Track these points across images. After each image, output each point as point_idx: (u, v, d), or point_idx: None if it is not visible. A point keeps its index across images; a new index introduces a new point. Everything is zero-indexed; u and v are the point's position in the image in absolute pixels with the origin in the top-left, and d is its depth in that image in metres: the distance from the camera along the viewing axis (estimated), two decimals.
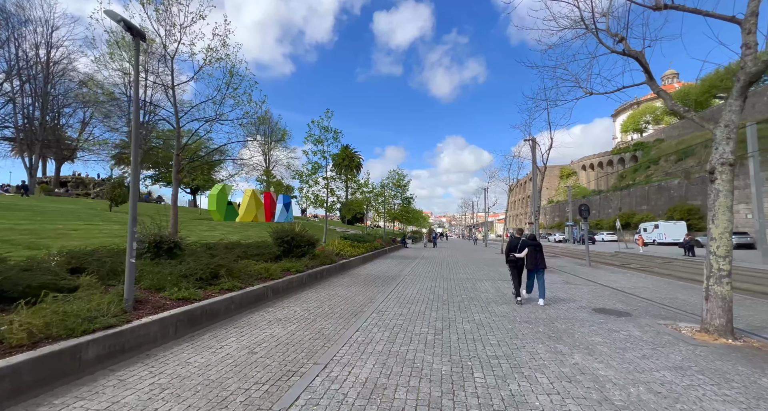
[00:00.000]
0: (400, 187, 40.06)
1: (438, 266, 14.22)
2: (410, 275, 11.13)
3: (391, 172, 39.94)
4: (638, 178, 47.94)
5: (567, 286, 9.12)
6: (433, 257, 19.09)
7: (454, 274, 11.74)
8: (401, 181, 39.61)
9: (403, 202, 41.73)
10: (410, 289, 8.53)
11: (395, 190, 40.32)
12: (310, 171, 15.71)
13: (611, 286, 9.34)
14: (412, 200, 42.06)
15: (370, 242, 18.18)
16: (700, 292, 8.30)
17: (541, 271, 7.03)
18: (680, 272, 12.97)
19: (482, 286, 9.00)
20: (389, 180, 39.99)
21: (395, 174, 39.68)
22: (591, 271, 12.96)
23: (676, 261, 17.51)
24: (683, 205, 33.98)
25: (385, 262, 15.35)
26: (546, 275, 7.15)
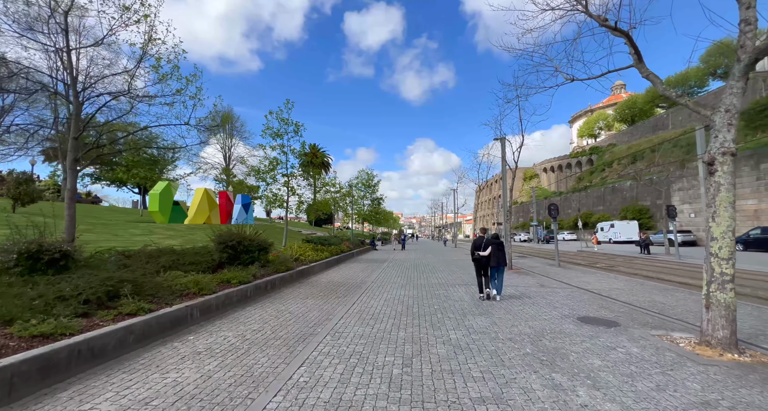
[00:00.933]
0: (369, 187, 39.03)
1: (407, 270, 13.30)
2: (377, 282, 10.06)
3: (361, 171, 38.82)
4: (594, 180, 50.83)
5: (543, 291, 8.54)
6: (403, 260, 18.21)
7: (424, 278, 10.85)
8: (370, 182, 38.59)
9: (372, 203, 40.75)
10: (376, 299, 7.46)
11: (364, 190, 39.26)
12: (267, 167, 14.16)
13: (586, 288, 8.90)
14: (382, 201, 41.19)
15: (336, 245, 16.91)
16: (674, 293, 8.34)
17: (502, 269, 7.61)
18: (645, 271, 13.08)
19: (455, 293, 8.15)
20: (358, 180, 38.90)
21: (364, 174, 38.58)
22: (562, 271, 12.69)
23: (636, 259, 18.05)
24: (635, 205, 36.23)
25: (351, 267, 14.17)
26: (520, 278, 8.22)
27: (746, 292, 8.37)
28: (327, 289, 8.64)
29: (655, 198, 34.53)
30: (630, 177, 40.24)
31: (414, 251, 26.37)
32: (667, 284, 9.76)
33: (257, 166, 14.99)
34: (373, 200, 40.92)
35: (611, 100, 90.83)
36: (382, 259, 18.99)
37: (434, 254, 23.00)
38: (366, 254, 22.47)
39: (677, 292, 8.35)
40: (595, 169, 54.06)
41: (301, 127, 14.43)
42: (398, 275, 11.72)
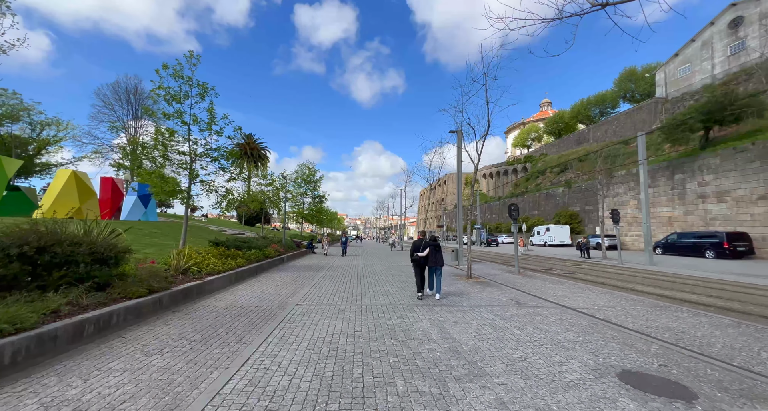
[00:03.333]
0: (310, 183, 35.27)
1: (349, 282, 10.45)
2: (304, 304, 7.03)
3: (301, 165, 34.76)
4: (530, 186, 53.98)
5: (527, 314, 6.45)
6: (345, 267, 15.29)
7: (371, 296, 8.12)
8: (311, 177, 34.84)
9: (314, 201, 36.98)
10: (292, 345, 4.48)
11: (305, 186, 35.34)
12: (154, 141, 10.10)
13: (572, 307, 7.09)
14: (325, 199, 37.65)
15: (259, 249, 13.28)
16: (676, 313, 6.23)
17: (439, 269, 8.00)
18: (605, 279, 12.19)
19: (419, 326, 5.55)
20: (297, 174, 34.85)
21: (305, 168, 34.73)
22: (527, 281, 11.09)
23: (583, 264, 17.79)
24: (566, 210, 38.63)
25: (274, 279, 10.81)
26: (486, 292, 8.07)
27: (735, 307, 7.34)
28: (214, 325, 5.37)
29: (583, 204, 37.05)
30: (562, 184, 43.03)
31: (357, 257, 23.54)
32: (646, 297, 8.53)
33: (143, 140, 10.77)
34: (314, 198, 37.19)
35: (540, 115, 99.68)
36: (319, 265, 15.81)
37: (381, 259, 20.50)
38: (300, 260, 18.99)
39: (678, 311, 6.91)
40: (530, 176, 57.60)
41: (210, 91, 10.66)
42: (335, 291, 8.80)
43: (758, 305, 7.57)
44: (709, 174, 22.33)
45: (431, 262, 7.83)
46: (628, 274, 13.38)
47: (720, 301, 8.07)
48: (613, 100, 61.58)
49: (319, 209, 37.18)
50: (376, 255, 24.36)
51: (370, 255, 24.22)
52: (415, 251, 7.89)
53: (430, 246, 7.83)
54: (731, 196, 20.90)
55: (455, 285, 10.08)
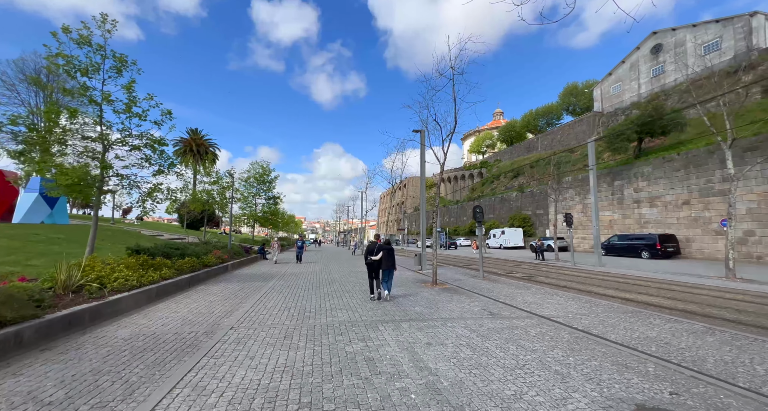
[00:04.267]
0: (263, 183, 32.77)
1: (302, 295, 9.11)
2: (240, 329, 5.61)
3: (254, 164, 32.34)
4: (485, 191, 56.17)
5: (503, 326, 5.75)
6: (299, 275, 13.80)
7: (327, 312, 6.92)
8: (266, 177, 32.41)
9: (268, 202, 34.39)
10: (208, 400, 3.15)
11: (258, 186, 32.75)
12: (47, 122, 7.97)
13: (547, 316, 6.59)
14: (280, 200, 35.25)
15: (195, 256, 11.33)
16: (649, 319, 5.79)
17: (392, 271, 8.28)
18: (566, 282, 12.24)
19: (386, 351, 4.50)
20: (250, 174, 32.19)
21: (258, 167, 32.24)
22: (493, 286, 10.65)
23: (540, 266, 18.17)
24: (519, 214, 40.52)
25: (208, 293, 9.08)
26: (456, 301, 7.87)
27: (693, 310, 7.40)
28: (99, 370, 3.82)
29: (535, 208, 39.08)
30: (515, 189, 45.16)
31: (315, 262, 21.92)
32: (611, 300, 8.42)
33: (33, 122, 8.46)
34: (268, 199, 34.59)
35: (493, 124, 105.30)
36: (269, 274, 14.11)
37: (340, 264, 19.18)
38: (248, 267, 17.00)
39: (649, 317, 6.70)
40: (486, 181, 60.01)
41: (130, 66, 8.70)
42: (284, 307, 7.46)
43: (712, 306, 7.74)
44: (643, 181, 24.48)
45: (385, 265, 8.09)
46: (584, 276, 13.69)
47: (679, 303, 8.18)
48: (558, 112, 66.76)
49: (273, 211, 34.70)
50: (335, 260, 22.95)
51: (329, 260, 22.76)
52: (369, 255, 8.16)
53: (383, 249, 8.09)
54: (661, 201, 23.04)
55: (421, 293, 9.26)
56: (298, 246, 19.71)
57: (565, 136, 51.26)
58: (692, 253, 20.85)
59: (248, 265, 17.81)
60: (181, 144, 46.52)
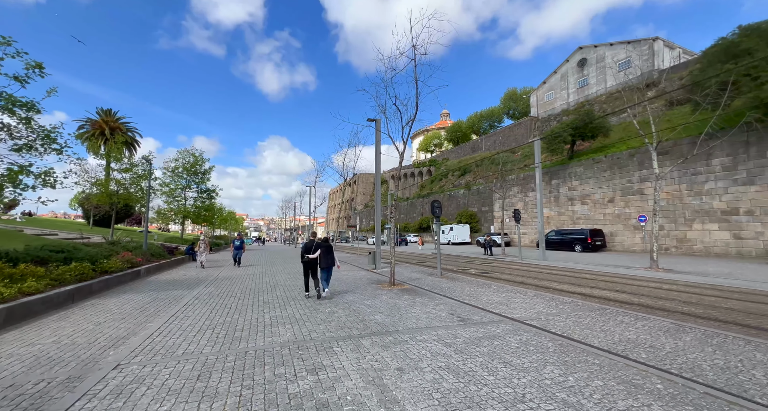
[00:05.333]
0: (195, 174, 28.86)
1: (235, 306, 7.41)
2: (132, 367, 3.90)
3: (183, 152, 28.25)
4: (434, 188, 57.52)
5: (479, 335, 4.96)
6: (235, 279, 11.80)
7: (267, 329, 5.46)
8: (197, 167, 28.56)
9: (201, 196, 30.39)
10: None
11: (188, 178, 28.71)
12: None
13: (523, 320, 6.02)
14: (216, 194, 31.46)
15: (88, 260, 8.76)
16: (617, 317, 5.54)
17: (330, 270, 8.14)
18: (522, 277, 12.22)
19: (346, 387, 3.31)
20: (178, 164, 28.05)
21: (188, 156, 28.26)
22: (453, 285, 10.06)
23: (491, 261, 18.44)
24: (467, 211, 42.03)
25: (100, 310, 6.90)
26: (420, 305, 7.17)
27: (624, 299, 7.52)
28: None
29: (480, 205, 40.81)
30: (462, 187, 46.78)
31: (256, 265, 19.58)
32: (572, 297, 8.30)
33: None
34: (201, 193, 30.57)
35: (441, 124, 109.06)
36: (197, 279, 11.85)
37: (286, 264, 17.26)
38: (170, 272, 14.30)
39: (617, 315, 6.50)
40: (435, 179, 61.51)
41: None
42: (208, 325, 5.80)
43: (660, 298, 8.01)
44: (575, 180, 26.68)
45: (323, 263, 7.91)
46: (535, 271, 13.98)
47: (632, 297, 8.36)
48: (499, 116, 71.16)
49: (208, 207, 30.80)
50: (281, 260, 20.84)
51: (274, 260, 20.58)
52: (305, 253, 7.85)
53: (321, 247, 7.88)
54: (591, 199, 25.32)
55: (380, 297, 8.21)
56: (235, 246, 16.34)
57: (506, 138, 54.61)
58: (615, 246, 23.21)
59: (171, 268, 15.00)
60: (89, 125, 39.08)
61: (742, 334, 5.09)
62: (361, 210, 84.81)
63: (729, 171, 17.63)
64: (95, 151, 25.24)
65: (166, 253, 16.46)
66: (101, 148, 37.90)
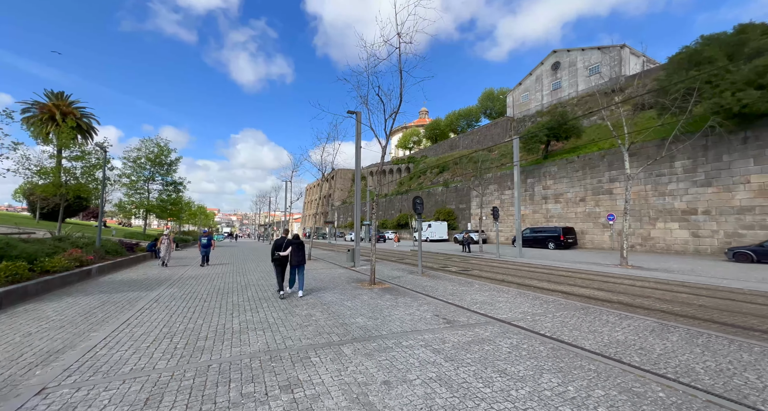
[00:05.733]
0: (160, 165, 26.91)
1: (200, 309, 6.69)
2: (61, 391, 3.22)
3: (146, 141, 26.20)
4: (413, 185, 57.65)
5: (467, 339, 4.67)
6: (201, 279, 10.90)
7: (234, 337, 4.87)
8: (163, 158, 26.63)
9: (166, 189, 28.40)
10: None
11: (152, 169, 26.71)
12: None
13: (510, 321, 5.82)
14: (183, 187, 29.55)
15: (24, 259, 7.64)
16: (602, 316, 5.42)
17: (302, 267, 7.97)
18: (502, 275, 12.23)
19: (325, 409, 2.88)
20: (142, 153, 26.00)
21: (152, 145, 26.26)
22: (435, 284, 9.81)
23: (470, 259, 18.51)
24: (444, 208, 42.41)
25: (32, 317, 5.95)
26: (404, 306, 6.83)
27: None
28: None
29: (458, 202, 41.28)
30: (440, 184, 47.11)
31: (226, 264, 18.48)
32: (554, 295, 8.28)
33: None
34: (167, 185, 28.58)
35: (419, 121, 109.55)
36: (157, 278, 10.84)
37: (259, 261, 16.37)
38: (128, 271, 13.07)
39: (600, 314, 6.46)
40: (413, 176, 61.63)
41: None
42: (166, 332, 5.11)
43: (637, 296, 8.15)
44: (550, 179, 27.48)
45: (294, 260, 7.76)
46: (513, 268, 14.09)
47: (611, 294, 8.47)
48: (477, 115, 72.37)
49: (174, 200, 28.85)
50: (253, 257, 19.82)
51: (246, 257, 19.54)
52: (276, 250, 7.63)
53: (292, 245, 7.72)
54: (563, 197, 26.17)
55: (360, 296, 7.78)
56: (202, 244, 14.38)
57: (483, 137, 55.58)
58: (585, 243, 24.15)
59: (129, 267, 13.72)
60: (36, 109, 35.42)
61: (722, 333, 5.14)
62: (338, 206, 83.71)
63: (689, 173, 18.72)
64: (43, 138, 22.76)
65: (125, 250, 15.07)
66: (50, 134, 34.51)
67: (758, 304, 7.13)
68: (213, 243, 14.97)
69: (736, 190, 16.75)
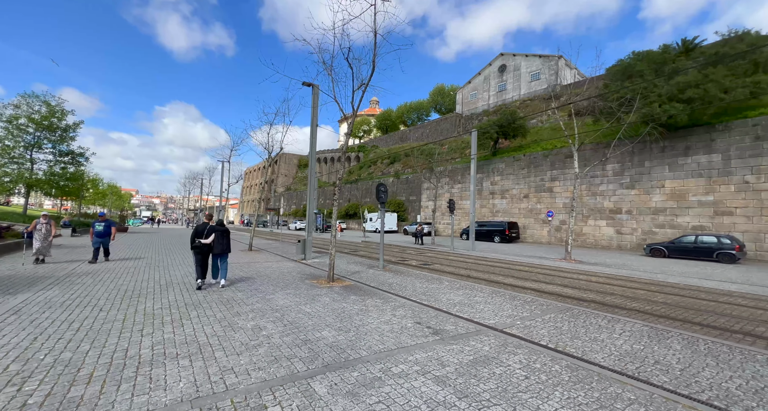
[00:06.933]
0: (51, 129, 21.38)
1: (87, 327, 4.69)
2: None
3: (26, 97, 20.44)
4: (363, 174, 56.33)
5: (465, 356, 3.73)
6: (99, 276, 8.34)
7: (141, 373, 3.19)
8: (55, 120, 21.14)
9: (59, 160, 22.71)
10: None
11: (36, 133, 21.06)
12: None
13: (503, 329, 5.08)
14: (86, 159, 24.03)
15: None
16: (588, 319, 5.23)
17: (226, 256, 7.50)
18: (465, 269, 11.81)
19: None
20: (22, 111, 20.26)
21: (38, 103, 20.64)
22: (401, 280, 8.86)
23: (425, 251, 18.12)
24: (395, 199, 42.10)
25: None
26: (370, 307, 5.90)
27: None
28: None
29: (408, 194, 41.28)
30: (391, 175, 46.65)
31: (138, 257, 15.20)
32: (531, 294, 7.92)
33: None
34: (61, 155, 22.85)
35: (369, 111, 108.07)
36: (29, 277, 8.01)
37: (184, 252, 13.66)
38: None
39: (588, 317, 6.09)
40: (363, 165, 60.28)
41: None
42: (21, 369, 3.21)
43: (603, 293, 8.21)
44: (497, 176, 28.63)
45: (217, 249, 7.27)
46: (472, 262, 13.90)
47: (578, 291, 8.41)
48: (427, 109, 73.47)
49: (72, 175, 23.25)
50: (179, 246, 16.73)
51: (171, 247, 16.39)
52: (197, 237, 7.09)
53: (216, 231, 7.25)
54: (509, 193, 27.49)
55: (320, 299, 6.43)
56: (96, 232, 10.21)
57: (433, 131, 56.49)
58: (527, 237, 25.74)
59: None
60: None
61: (713, 337, 5.06)
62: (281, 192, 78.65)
63: (618, 176, 20.80)
64: None
65: None
66: None
67: (703, 299, 7.61)
68: (113, 231, 10.67)
69: (653, 192, 19.04)
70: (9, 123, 19.22)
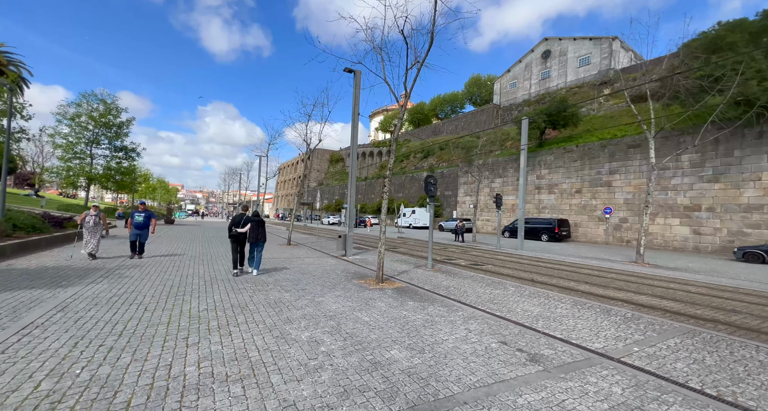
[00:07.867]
0: (108, 126, 22.59)
1: (95, 382, 4.23)
2: None
3: (85, 95, 21.66)
4: (396, 169, 55.51)
5: (580, 391, 2.71)
6: (146, 269, 8.20)
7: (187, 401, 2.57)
8: (110, 117, 22.29)
9: (115, 155, 24.09)
10: None
11: (95, 130, 22.34)
12: None
13: (624, 361, 3.95)
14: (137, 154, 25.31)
15: None
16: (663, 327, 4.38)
17: (261, 244, 7.80)
18: (523, 271, 10.55)
19: None
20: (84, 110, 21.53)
21: (95, 100, 21.82)
22: (457, 283, 7.88)
23: (470, 250, 16.91)
24: None
25: None
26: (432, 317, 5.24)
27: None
28: None
29: (444, 189, 39.77)
30: (425, 169, 45.29)
31: (178, 255, 15.41)
32: (623, 306, 6.61)
33: None
34: (117, 151, 24.22)
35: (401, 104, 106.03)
36: (82, 268, 8.01)
37: (226, 244, 13.65)
38: (41, 255, 9.94)
39: (729, 345, 4.77)
40: (396, 159, 59.38)
41: None
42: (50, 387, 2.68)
43: (711, 308, 6.68)
44: (544, 169, 26.41)
45: (252, 237, 7.60)
46: (527, 262, 12.56)
47: (683, 305, 6.96)
48: (462, 101, 70.65)
49: (126, 170, 24.62)
50: (221, 241, 16.93)
51: (212, 241, 16.62)
52: (234, 226, 7.61)
53: (252, 221, 7.61)
54: (558, 188, 25.24)
55: (373, 303, 5.63)
56: (135, 223, 9.44)
57: (468, 123, 54.12)
58: (578, 236, 23.49)
59: (48, 248, 10.54)
60: None
61: None
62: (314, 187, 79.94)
63: (696, 167, 18.08)
64: None
65: (49, 226, 11.77)
66: None
67: None
68: (153, 223, 9.82)
69: (746, 186, 16.25)
70: (72, 120, 20.51)
